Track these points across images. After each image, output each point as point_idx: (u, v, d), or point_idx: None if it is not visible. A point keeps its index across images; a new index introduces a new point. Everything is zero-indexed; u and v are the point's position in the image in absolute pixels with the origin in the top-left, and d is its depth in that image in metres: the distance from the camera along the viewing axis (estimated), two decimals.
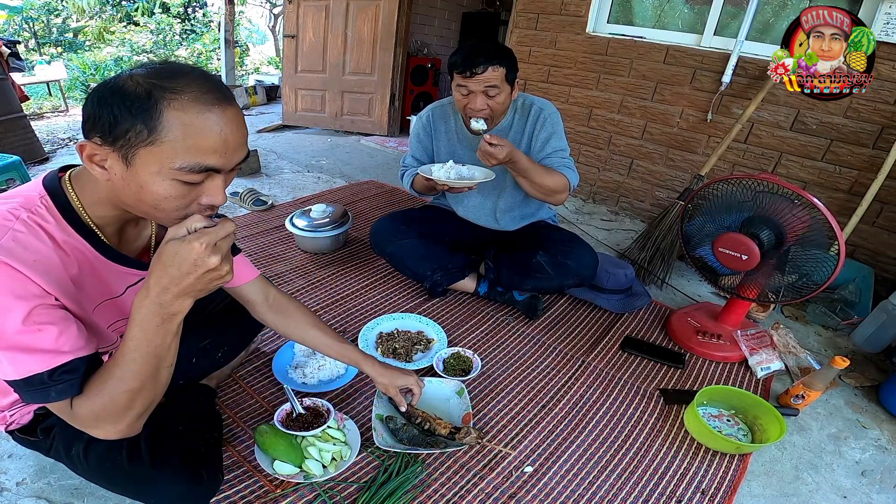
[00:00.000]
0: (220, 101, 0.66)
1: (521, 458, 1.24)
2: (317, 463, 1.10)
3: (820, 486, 1.27)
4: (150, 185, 0.65)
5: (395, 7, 3.76)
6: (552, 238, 1.79)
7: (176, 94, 0.62)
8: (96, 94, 0.64)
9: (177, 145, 0.63)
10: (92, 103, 0.64)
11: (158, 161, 0.63)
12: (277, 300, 1.15)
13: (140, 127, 0.61)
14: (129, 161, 0.64)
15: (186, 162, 0.64)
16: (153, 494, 0.91)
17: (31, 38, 7.29)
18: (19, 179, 2.50)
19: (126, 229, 0.83)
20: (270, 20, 9.20)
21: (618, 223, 2.87)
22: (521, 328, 1.76)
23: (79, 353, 0.71)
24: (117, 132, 0.62)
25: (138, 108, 0.61)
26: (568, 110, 3.04)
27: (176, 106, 0.62)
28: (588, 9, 2.80)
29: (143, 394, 0.72)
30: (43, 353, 0.67)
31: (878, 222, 2.20)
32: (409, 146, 1.91)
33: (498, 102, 1.55)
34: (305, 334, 1.17)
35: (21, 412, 0.92)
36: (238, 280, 1.10)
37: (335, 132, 4.36)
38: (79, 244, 0.75)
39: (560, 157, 1.64)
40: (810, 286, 1.48)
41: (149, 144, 0.62)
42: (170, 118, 0.62)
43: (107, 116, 0.62)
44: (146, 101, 0.61)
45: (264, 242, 2.19)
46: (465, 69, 1.49)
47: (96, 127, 0.64)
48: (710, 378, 1.60)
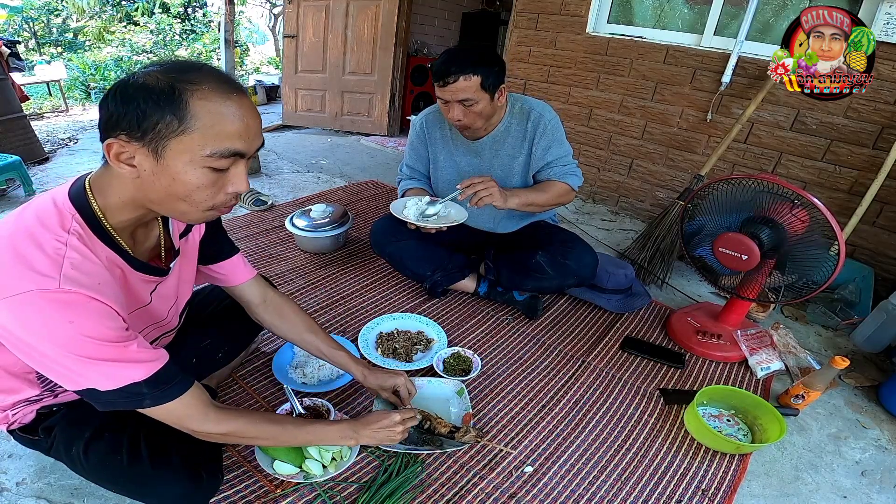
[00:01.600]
0: (238, 90, 0.70)
1: (521, 458, 1.24)
2: (317, 463, 1.10)
3: (820, 486, 1.27)
4: (182, 175, 0.68)
5: (395, 7, 3.76)
6: (552, 238, 1.78)
7: (197, 86, 0.65)
8: (118, 92, 0.66)
9: (206, 132, 0.66)
10: (114, 101, 0.65)
11: (190, 150, 0.66)
12: (274, 301, 1.16)
13: (170, 118, 0.64)
14: (160, 154, 0.66)
15: (216, 147, 0.67)
16: (153, 494, 0.91)
17: (31, 38, 7.29)
18: (19, 179, 2.51)
19: (137, 233, 0.83)
20: (270, 20, 9.20)
21: (618, 223, 2.87)
22: (521, 328, 1.76)
23: (162, 360, 0.76)
24: (146, 125, 0.64)
25: (165, 100, 0.64)
26: (568, 110, 3.04)
27: (199, 96, 0.65)
28: (588, 9, 2.79)
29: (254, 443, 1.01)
30: (137, 363, 0.73)
31: (878, 222, 2.20)
32: (405, 152, 1.90)
33: (475, 112, 1.51)
34: (300, 337, 1.18)
35: (24, 412, 0.92)
36: (236, 279, 1.10)
37: (335, 132, 4.36)
38: (113, 258, 0.76)
39: (562, 164, 1.64)
40: (810, 286, 1.48)
41: (180, 134, 0.65)
42: (196, 107, 0.65)
43: (133, 112, 0.64)
44: (171, 93, 0.64)
45: (264, 242, 2.19)
46: (438, 79, 1.46)
47: (121, 124, 0.65)
48: (710, 378, 1.60)
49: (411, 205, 1.59)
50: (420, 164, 1.85)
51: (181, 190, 0.69)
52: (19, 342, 0.66)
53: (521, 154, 1.66)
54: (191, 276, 1.02)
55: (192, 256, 1.00)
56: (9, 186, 2.57)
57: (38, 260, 0.65)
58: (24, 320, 0.64)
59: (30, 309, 0.64)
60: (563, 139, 1.66)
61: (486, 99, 1.50)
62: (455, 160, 1.76)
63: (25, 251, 0.66)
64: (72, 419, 0.92)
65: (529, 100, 1.67)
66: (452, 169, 1.77)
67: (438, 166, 1.80)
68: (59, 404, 0.93)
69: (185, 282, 1.00)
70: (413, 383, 1.25)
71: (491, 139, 1.67)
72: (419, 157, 1.84)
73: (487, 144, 1.68)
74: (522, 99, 1.67)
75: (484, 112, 1.53)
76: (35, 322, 0.64)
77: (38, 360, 0.68)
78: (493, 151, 1.69)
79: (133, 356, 0.72)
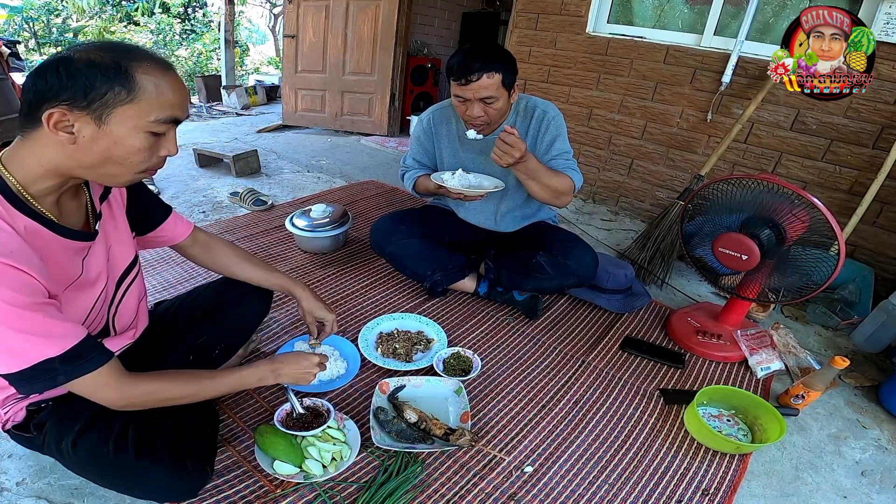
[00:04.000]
0: (171, 68, 0.79)
1: (521, 458, 1.24)
2: (317, 463, 1.10)
3: (820, 486, 1.27)
4: (125, 140, 0.75)
5: (395, 7, 3.76)
6: (552, 238, 1.78)
7: (139, 62, 0.74)
8: (59, 67, 0.70)
9: (152, 101, 0.75)
10: (56, 76, 0.70)
11: (135, 116, 0.74)
12: (203, 239, 1.20)
13: (118, 89, 0.72)
14: (104, 120, 0.73)
15: (160, 115, 0.76)
16: (139, 486, 0.92)
17: (31, 38, 7.29)
18: None
19: (62, 202, 0.84)
20: (270, 20, 9.21)
21: (618, 223, 2.87)
22: (521, 328, 1.76)
23: (81, 335, 0.77)
24: (93, 96, 0.71)
25: (113, 74, 0.71)
26: (568, 110, 3.04)
27: (143, 71, 0.74)
28: (588, 9, 2.79)
29: (174, 402, 0.92)
30: (51, 337, 0.73)
31: (878, 222, 2.20)
32: (409, 147, 1.91)
33: (495, 109, 1.52)
34: (231, 268, 1.22)
35: (14, 409, 0.92)
36: (179, 236, 1.15)
37: (335, 132, 4.36)
38: (33, 227, 0.76)
39: (565, 159, 1.63)
40: (810, 286, 1.48)
41: (127, 103, 0.73)
42: (143, 80, 0.73)
43: (80, 84, 0.70)
44: (118, 69, 0.72)
45: (264, 242, 2.19)
46: (460, 77, 1.45)
47: (62, 95, 0.70)
48: (710, 378, 1.60)
49: (448, 176, 1.63)
50: (427, 158, 1.85)
51: (120, 153, 0.76)
52: None
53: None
54: (123, 241, 1.00)
55: (121, 221, 0.99)
56: None
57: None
58: None
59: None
60: (566, 136, 1.66)
61: (506, 96, 1.51)
62: (460, 157, 1.76)
63: None
64: (61, 414, 0.93)
65: (534, 98, 1.68)
66: (457, 166, 1.77)
67: (444, 163, 1.81)
68: (46, 400, 0.94)
69: (119, 246, 0.98)
70: (336, 326, 1.33)
71: (495, 137, 1.66)
72: (426, 152, 1.84)
73: (492, 143, 1.67)
74: (527, 98, 1.68)
75: (502, 109, 1.54)
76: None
77: None
78: None
79: (50, 328, 0.73)
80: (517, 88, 1.59)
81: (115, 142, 0.74)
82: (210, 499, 1.04)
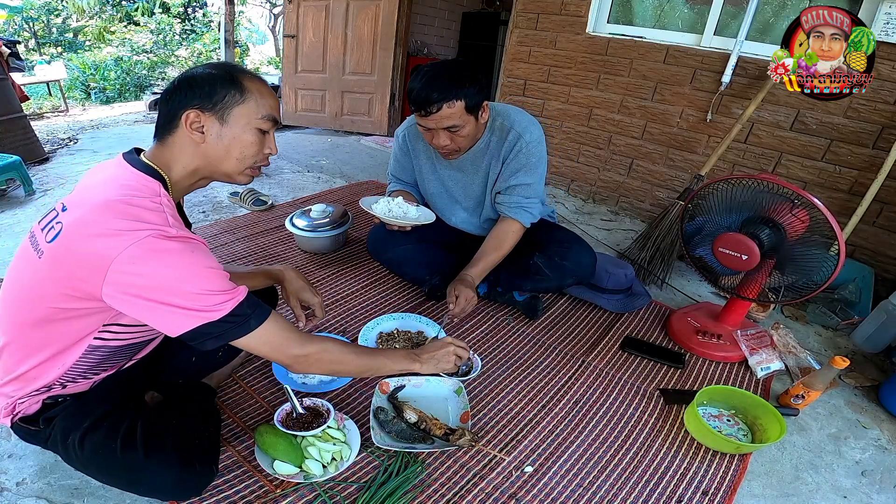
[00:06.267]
0: (264, 80, 0.97)
1: (521, 458, 1.24)
2: (317, 463, 1.10)
3: (820, 486, 1.27)
4: (241, 135, 0.91)
5: (395, 7, 3.76)
6: (550, 238, 1.76)
7: (243, 73, 0.92)
8: (184, 83, 0.88)
9: (258, 101, 0.92)
10: (189, 89, 0.88)
11: (247, 115, 0.91)
12: None
13: (234, 91, 0.89)
14: (226, 119, 0.89)
15: (265, 112, 0.93)
16: (144, 482, 0.93)
17: (31, 38, 7.29)
18: (19, 179, 2.51)
19: None
20: (270, 20, 9.21)
21: (618, 223, 2.87)
22: (521, 328, 1.76)
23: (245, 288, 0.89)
24: (216, 98, 0.88)
25: (228, 81, 0.89)
26: (568, 110, 3.04)
27: (248, 79, 0.92)
28: (588, 9, 2.80)
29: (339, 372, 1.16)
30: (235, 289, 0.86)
31: (878, 222, 2.20)
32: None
33: (462, 136, 1.45)
34: None
35: (31, 401, 0.94)
36: None
37: (335, 132, 4.36)
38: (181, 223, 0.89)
39: (520, 194, 1.58)
40: (810, 286, 1.48)
41: (241, 103, 0.90)
42: (249, 85, 0.91)
43: (206, 91, 0.87)
44: (231, 77, 0.90)
45: (264, 242, 2.19)
46: (419, 109, 1.38)
47: (192, 101, 0.87)
48: (710, 378, 1.60)
49: (382, 202, 1.62)
50: (406, 174, 1.84)
51: (238, 148, 0.92)
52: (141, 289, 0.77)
53: (496, 171, 1.62)
54: None
55: None
56: (9, 186, 2.57)
57: (145, 215, 0.79)
58: (155, 261, 0.77)
59: (158, 249, 0.77)
60: (536, 166, 1.56)
61: (472, 121, 1.44)
62: (438, 174, 1.75)
63: (130, 212, 0.79)
64: (75, 410, 0.95)
65: (513, 115, 1.57)
66: (437, 182, 1.77)
67: (424, 178, 1.79)
68: (65, 395, 0.95)
69: None
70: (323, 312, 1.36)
71: (472, 154, 1.63)
72: (404, 169, 1.83)
73: (469, 160, 1.66)
74: (505, 114, 1.58)
75: (470, 134, 1.48)
76: (167, 259, 0.78)
77: (154, 305, 0.78)
78: (475, 167, 1.67)
79: (229, 283, 0.86)
80: (487, 106, 1.49)
81: (234, 137, 0.91)
82: (210, 499, 1.04)
